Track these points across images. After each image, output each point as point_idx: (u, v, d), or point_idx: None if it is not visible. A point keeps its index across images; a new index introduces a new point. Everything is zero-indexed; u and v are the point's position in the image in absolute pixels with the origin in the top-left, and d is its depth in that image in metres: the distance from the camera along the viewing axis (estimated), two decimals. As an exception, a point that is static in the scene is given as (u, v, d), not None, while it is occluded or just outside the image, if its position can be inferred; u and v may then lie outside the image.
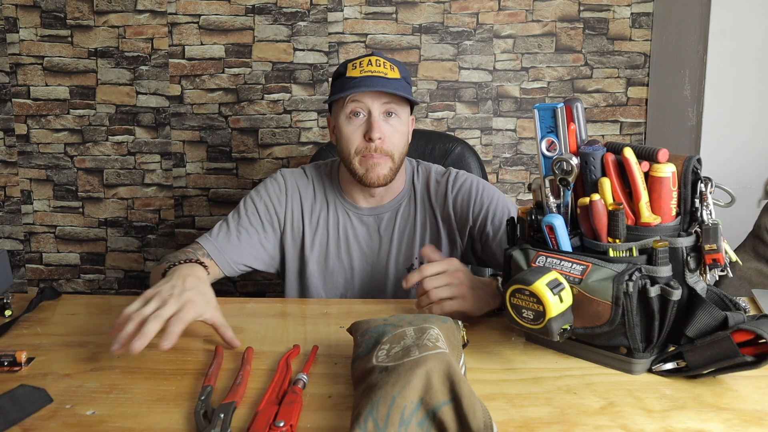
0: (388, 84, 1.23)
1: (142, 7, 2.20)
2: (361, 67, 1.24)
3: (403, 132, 1.29)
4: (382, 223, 1.36)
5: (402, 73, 1.27)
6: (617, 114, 2.26)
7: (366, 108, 1.24)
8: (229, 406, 0.72)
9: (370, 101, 1.23)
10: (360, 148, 1.25)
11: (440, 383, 0.65)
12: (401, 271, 1.35)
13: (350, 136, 1.26)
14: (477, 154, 1.69)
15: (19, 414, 0.72)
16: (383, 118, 1.25)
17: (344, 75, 1.26)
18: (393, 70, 1.26)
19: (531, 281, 0.78)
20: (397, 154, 1.28)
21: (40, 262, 2.36)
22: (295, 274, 1.37)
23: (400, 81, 1.26)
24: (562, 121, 0.85)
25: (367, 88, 1.21)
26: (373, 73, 1.23)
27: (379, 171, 1.26)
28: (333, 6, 2.20)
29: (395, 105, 1.25)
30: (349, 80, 1.24)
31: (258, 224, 1.33)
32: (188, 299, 0.90)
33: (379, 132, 1.23)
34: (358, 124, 1.25)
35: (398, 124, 1.27)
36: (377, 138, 1.23)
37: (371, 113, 1.24)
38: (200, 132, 2.27)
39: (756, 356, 0.75)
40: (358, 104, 1.24)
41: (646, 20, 2.20)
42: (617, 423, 0.71)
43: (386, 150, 1.25)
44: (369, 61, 1.25)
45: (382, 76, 1.23)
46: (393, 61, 1.28)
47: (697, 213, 0.80)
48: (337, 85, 1.28)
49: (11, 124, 2.27)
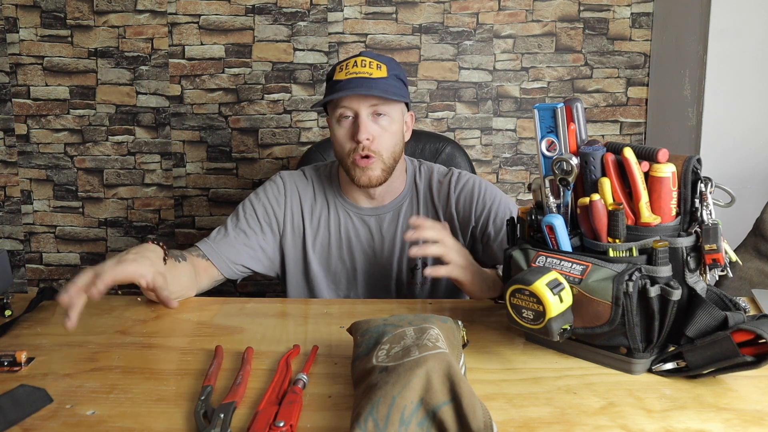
0: (372, 84, 1.22)
1: (142, 7, 2.20)
2: (346, 69, 1.24)
3: (394, 131, 1.28)
4: (383, 223, 1.36)
5: (391, 70, 1.26)
6: (617, 114, 2.26)
7: (353, 110, 1.24)
8: (229, 406, 0.72)
9: (356, 103, 1.23)
10: (350, 150, 1.26)
11: (440, 383, 0.65)
12: (404, 271, 1.35)
13: (341, 139, 1.26)
14: (467, 154, 1.70)
15: (19, 414, 0.72)
16: (372, 119, 1.25)
17: (332, 78, 1.26)
18: (380, 69, 1.24)
19: (531, 281, 0.78)
20: (387, 154, 1.27)
21: (40, 262, 2.36)
22: (299, 275, 1.38)
23: (388, 79, 1.24)
24: (562, 121, 0.85)
25: (349, 92, 1.21)
26: (357, 74, 1.23)
27: (371, 173, 1.26)
28: (333, 6, 2.20)
29: (383, 106, 1.25)
30: (336, 83, 1.24)
31: (256, 226, 1.33)
32: (124, 259, 0.98)
33: (366, 133, 1.23)
34: (346, 126, 1.26)
35: (387, 123, 1.26)
36: (364, 139, 1.23)
37: (359, 115, 1.24)
38: (200, 132, 2.27)
39: (756, 356, 0.75)
40: (345, 108, 1.24)
41: (646, 20, 2.20)
42: (617, 423, 0.71)
43: (374, 150, 1.25)
44: (355, 62, 1.25)
45: (367, 77, 1.23)
46: (382, 59, 1.27)
47: (697, 213, 0.80)
48: (327, 88, 1.28)
49: (11, 124, 2.27)
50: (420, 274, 1.35)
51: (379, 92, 1.21)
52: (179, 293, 1.11)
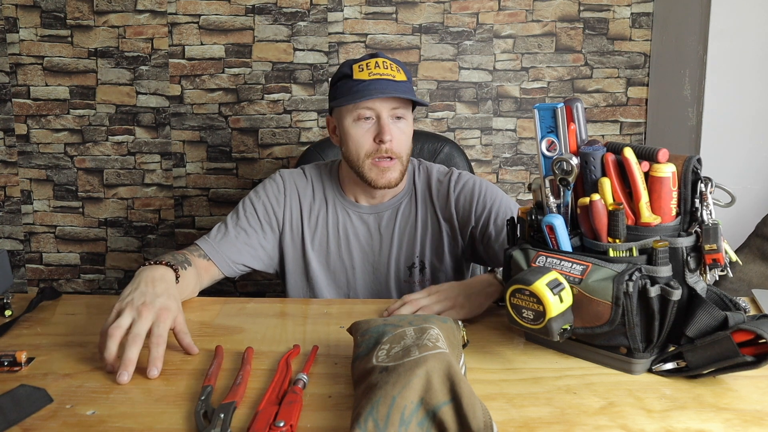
0: (398, 88, 1.23)
1: (142, 7, 2.20)
2: (368, 69, 1.23)
3: (409, 134, 1.30)
4: (382, 222, 1.36)
5: (406, 74, 1.28)
6: (617, 114, 2.26)
7: (376, 112, 1.24)
8: (229, 406, 0.72)
9: (380, 105, 1.23)
10: (370, 151, 1.25)
11: (440, 383, 0.65)
12: (403, 269, 1.35)
13: (359, 140, 1.25)
14: (465, 154, 1.70)
15: (19, 414, 0.72)
16: (392, 121, 1.25)
17: (350, 77, 1.24)
18: (399, 72, 1.26)
19: (531, 281, 0.78)
20: (405, 156, 1.29)
21: (40, 262, 2.36)
22: (299, 274, 1.38)
23: (407, 83, 1.26)
24: (562, 121, 0.85)
25: (381, 94, 1.21)
26: (382, 75, 1.23)
27: (390, 175, 1.27)
28: (333, 6, 2.19)
29: (403, 109, 1.26)
30: (358, 83, 1.23)
31: (256, 224, 1.33)
32: (162, 306, 0.90)
33: (390, 134, 1.24)
34: (367, 127, 1.25)
35: (405, 126, 1.28)
36: (389, 140, 1.23)
37: (380, 116, 1.24)
38: (200, 132, 2.27)
39: (756, 356, 0.75)
40: (367, 109, 1.24)
41: (646, 20, 2.20)
42: (617, 423, 0.71)
43: (396, 152, 1.26)
44: (376, 63, 1.24)
45: (392, 80, 1.23)
46: (396, 62, 1.28)
47: (697, 213, 0.80)
48: (342, 87, 1.26)
49: (11, 124, 2.27)
50: (417, 273, 1.35)
51: (408, 95, 1.23)
52: (185, 298, 1.11)
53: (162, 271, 1.01)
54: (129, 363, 0.82)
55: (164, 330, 0.87)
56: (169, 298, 0.93)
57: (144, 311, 0.88)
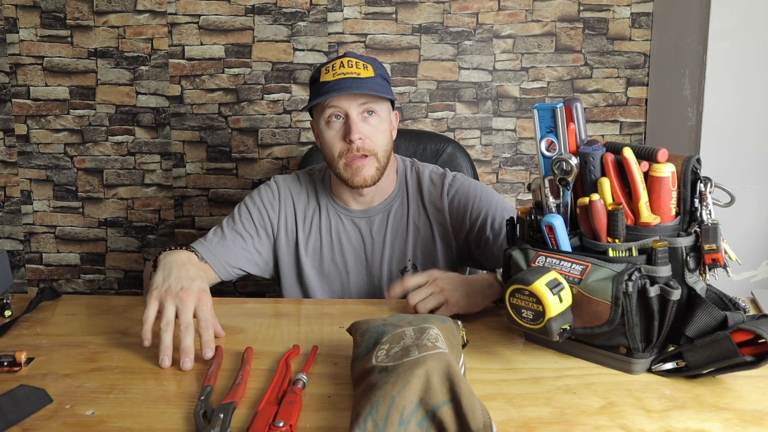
0: (362, 84, 1.22)
1: (142, 7, 2.20)
2: (333, 71, 1.24)
3: (384, 129, 1.28)
4: (374, 226, 1.36)
5: (377, 70, 1.27)
6: (617, 114, 2.26)
7: (343, 111, 1.24)
8: (229, 406, 0.72)
9: (346, 104, 1.23)
10: (342, 151, 1.25)
11: (440, 383, 0.65)
12: (395, 273, 1.34)
13: (331, 141, 1.26)
14: (468, 154, 1.70)
15: (19, 414, 0.72)
16: (362, 119, 1.25)
17: (318, 80, 1.25)
18: (366, 68, 1.25)
19: (530, 281, 0.78)
20: (381, 152, 1.27)
21: (40, 263, 2.36)
22: (293, 279, 1.38)
23: (375, 79, 1.25)
24: (562, 121, 0.85)
25: (341, 92, 1.20)
26: (346, 74, 1.23)
27: (365, 172, 1.26)
28: (333, 6, 2.19)
29: (372, 104, 1.25)
30: (323, 85, 1.23)
31: (252, 229, 1.34)
32: (200, 289, 0.95)
33: (359, 133, 1.23)
34: (337, 127, 1.25)
35: (378, 122, 1.27)
36: (357, 139, 1.23)
37: (349, 115, 1.24)
38: (200, 132, 2.27)
39: (755, 356, 0.75)
40: (335, 108, 1.24)
41: (645, 20, 2.20)
42: (617, 423, 0.71)
43: (369, 149, 1.25)
44: (341, 63, 1.25)
45: (356, 77, 1.23)
46: (367, 59, 1.28)
47: (697, 213, 0.80)
48: (313, 90, 1.28)
49: (11, 124, 2.27)
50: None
51: (370, 91, 1.22)
52: None
53: (187, 255, 1.06)
54: (188, 350, 0.87)
55: (209, 313, 0.93)
56: (203, 281, 0.98)
57: (185, 297, 0.92)
